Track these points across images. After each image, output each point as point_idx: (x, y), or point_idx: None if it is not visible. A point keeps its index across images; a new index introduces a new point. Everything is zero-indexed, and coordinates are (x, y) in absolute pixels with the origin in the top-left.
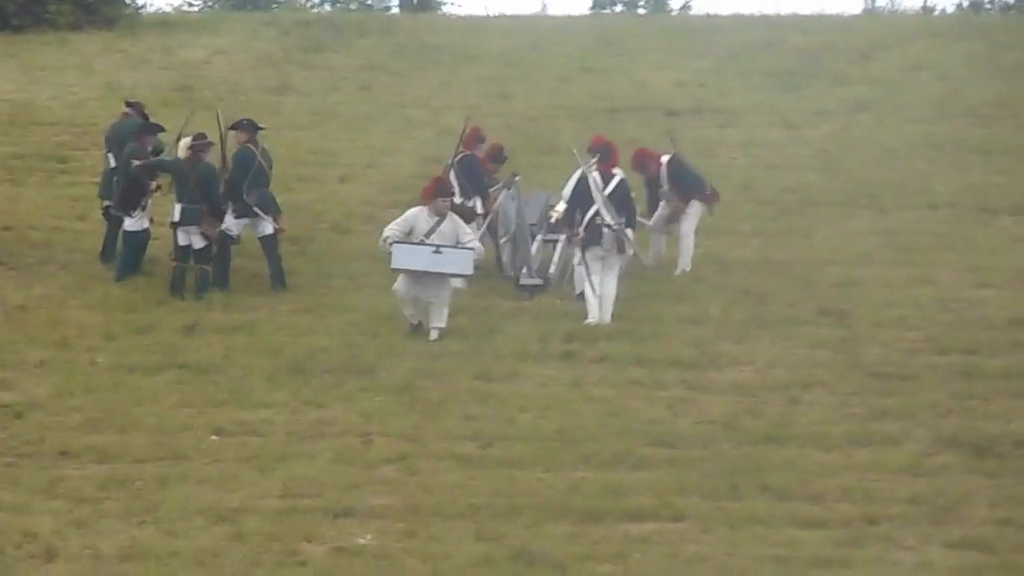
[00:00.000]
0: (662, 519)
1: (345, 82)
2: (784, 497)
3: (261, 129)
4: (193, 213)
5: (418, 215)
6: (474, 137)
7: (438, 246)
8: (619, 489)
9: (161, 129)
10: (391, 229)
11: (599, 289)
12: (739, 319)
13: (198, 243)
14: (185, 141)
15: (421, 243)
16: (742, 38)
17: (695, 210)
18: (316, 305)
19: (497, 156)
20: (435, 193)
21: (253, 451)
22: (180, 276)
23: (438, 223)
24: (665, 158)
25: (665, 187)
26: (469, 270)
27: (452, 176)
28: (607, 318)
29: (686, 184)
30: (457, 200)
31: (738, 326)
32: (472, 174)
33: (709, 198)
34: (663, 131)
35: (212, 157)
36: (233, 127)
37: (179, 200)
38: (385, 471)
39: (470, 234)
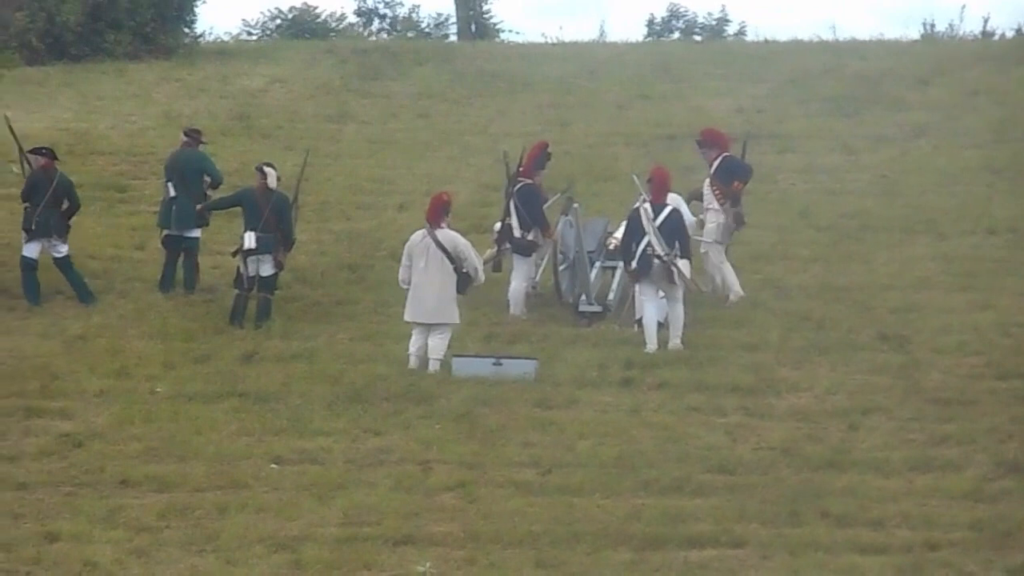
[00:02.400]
0: (722, 545)
1: (403, 110)
2: (844, 523)
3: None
4: (268, 242)
5: (412, 239)
6: (537, 157)
7: (498, 358)
8: (679, 515)
9: None
10: (402, 269)
11: (666, 318)
12: (798, 345)
13: (266, 271)
14: (273, 172)
15: (477, 355)
16: (800, 63)
17: (711, 235)
18: (374, 333)
19: (540, 162)
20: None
21: (312, 479)
22: (243, 305)
23: (427, 241)
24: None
25: (706, 181)
26: (531, 376)
27: (511, 206)
28: (678, 343)
29: (734, 172)
30: (516, 233)
31: (797, 352)
32: (532, 204)
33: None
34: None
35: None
36: (33, 151)
37: (252, 228)
38: (444, 498)
39: (468, 249)
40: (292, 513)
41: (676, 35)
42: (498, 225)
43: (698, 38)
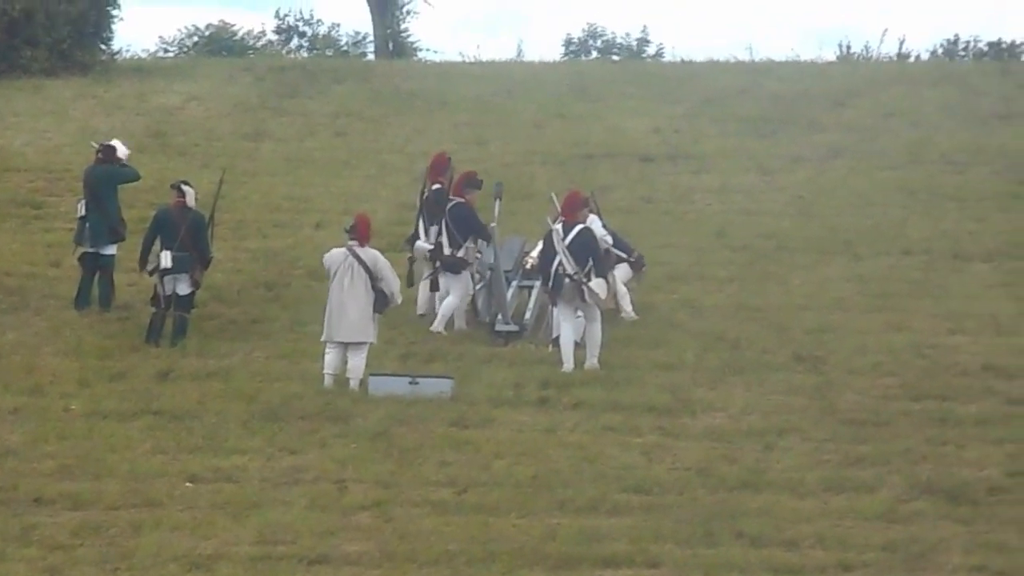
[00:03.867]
0: (638, 566)
1: (320, 128)
2: (759, 544)
3: None
4: (185, 260)
5: (333, 256)
6: (467, 181)
7: (414, 377)
8: (594, 535)
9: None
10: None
11: (582, 336)
12: (714, 365)
13: (183, 290)
14: (190, 190)
15: (394, 374)
16: (717, 84)
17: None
18: (290, 351)
19: (472, 182)
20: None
21: (227, 498)
22: (160, 323)
23: (351, 260)
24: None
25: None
26: (447, 395)
27: (443, 224)
28: (595, 363)
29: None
30: (446, 251)
31: (713, 372)
32: (468, 220)
33: (636, 264)
34: (636, 178)
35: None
36: None
37: (168, 247)
38: (360, 518)
39: (387, 268)
40: (207, 532)
41: (594, 55)
42: (425, 244)
43: (616, 58)
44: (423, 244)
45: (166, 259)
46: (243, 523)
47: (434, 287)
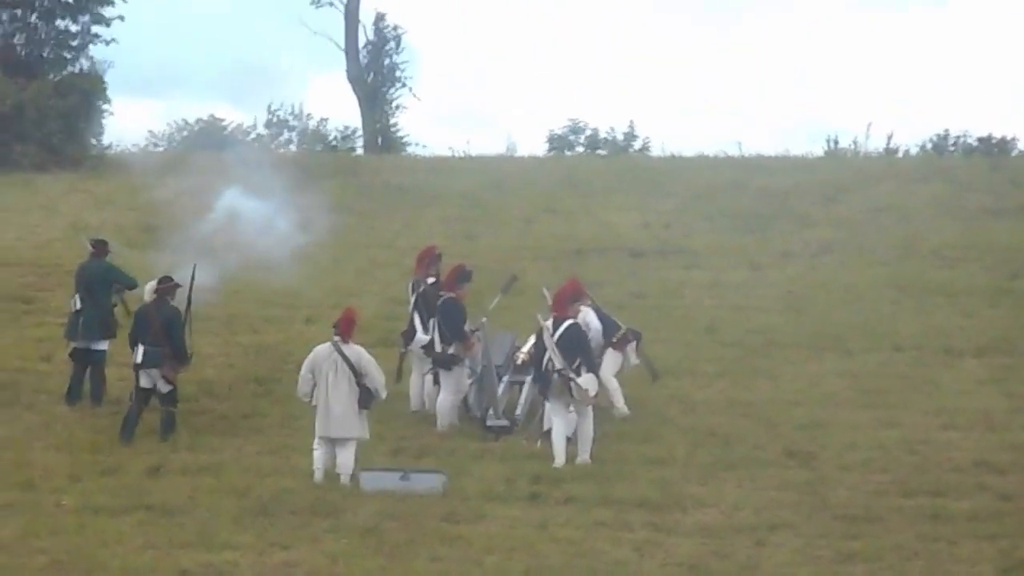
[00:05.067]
0: None
1: (311, 222)
2: None
3: None
4: (154, 356)
5: (318, 352)
6: (458, 275)
7: (406, 472)
8: None
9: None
10: (301, 381)
11: (574, 432)
12: (705, 460)
13: (163, 387)
14: (151, 284)
15: (385, 469)
16: (706, 179)
17: (610, 356)
18: (282, 446)
19: (463, 275)
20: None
21: None
22: (134, 418)
23: (335, 356)
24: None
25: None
26: (439, 490)
27: (435, 323)
28: (586, 458)
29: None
30: (438, 348)
31: (704, 467)
32: (454, 318)
33: (620, 343)
34: (626, 272)
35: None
36: None
37: (141, 342)
38: None
39: (372, 364)
40: None
41: (579, 149)
42: (424, 337)
43: (602, 153)
44: (422, 337)
45: (138, 353)
46: None
47: (436, 381)
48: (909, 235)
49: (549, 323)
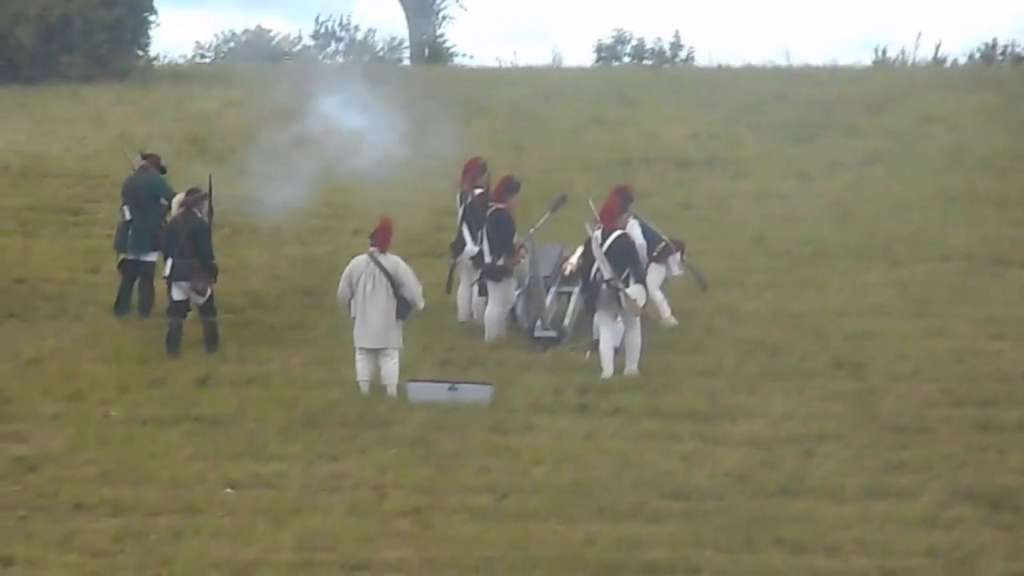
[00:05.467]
0: (678, 572)
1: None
2: (799, 550)
3: None
4: (183, 268)
5: (355, 263)
6: (507, 187)
7: (453, 383)
8: (634, 542)
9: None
10: (340, 293)
11: (621, 342)
12: (753, 371)
13: (197, 298)
14: (179, 197)
15: (433, 381)
16: (754, 89)
17: (653, 269)
18: (329, 358)
19: (511, 186)
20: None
21: (267, 504)
22: (176, 332)
23: (372, 266)
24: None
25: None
26: (486, 401)
27: (466, 226)
28: (634, 369)
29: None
30: (487, 259)
31: (752, 378)
32: (502, 230)
33: (661, 255)
34: (674, 183)
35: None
36: None
37: (170, 255)
38: (400, 524)
39: (408, 274)
40: (247, 538)
41: (625, 60)
42: (474, 248)
43: (648, 63)
44: (471, 248)
45: (167, 266)
46: (283, 529)
47: (482, 292)
48: (957, 145)
49: (598, 234)
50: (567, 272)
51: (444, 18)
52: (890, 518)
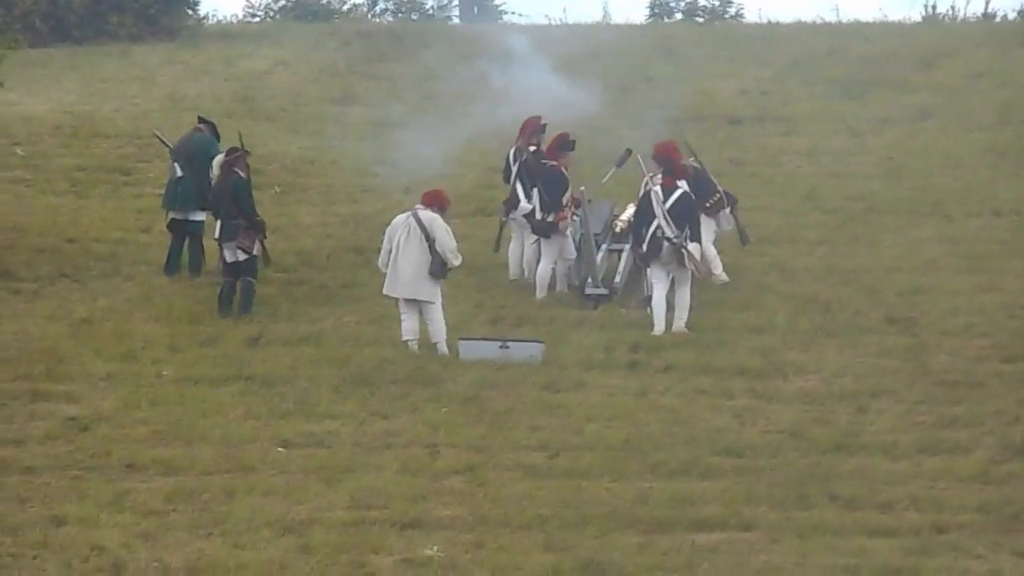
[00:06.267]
0: (730, 529)
1: (407, 92)
2: (853, 506)
3: None
4: (232, 228)
5: (395, 221)
6: (561, 144)
7: (505, 341)
8: (687, 499)
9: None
10: (382, 252)
11: (673, 299)
12: (805, 328)
13: (239, 255)
14: (219, 158)
15: (484, 338)
16: (804, 46)
17: (704, 223)
18: (381, 316)
19: (566, 144)
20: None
21: (320, 463)
22: (229, 292)
23: (410, 220)
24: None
25: None
26: (538, 359)
27: (537, 190)
28: (683, 326)
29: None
30: (537, 215)
31: (804, 335)
32: (554, 187)
33: (713, 209)
34: (724, 140)
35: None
36: None
37: (218, 216)
38: (452, 482)
39: (444, 231)
40: (299, 497)
41: (679, 16)
42: (527, 206)
43: (700, 20)
44: (525, 205)
45: (216, 228)
46: (336, 488)
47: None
48: (1007, 100)
49: (658, 190)
50: (618, 229)
51: None
52: (943, 474)
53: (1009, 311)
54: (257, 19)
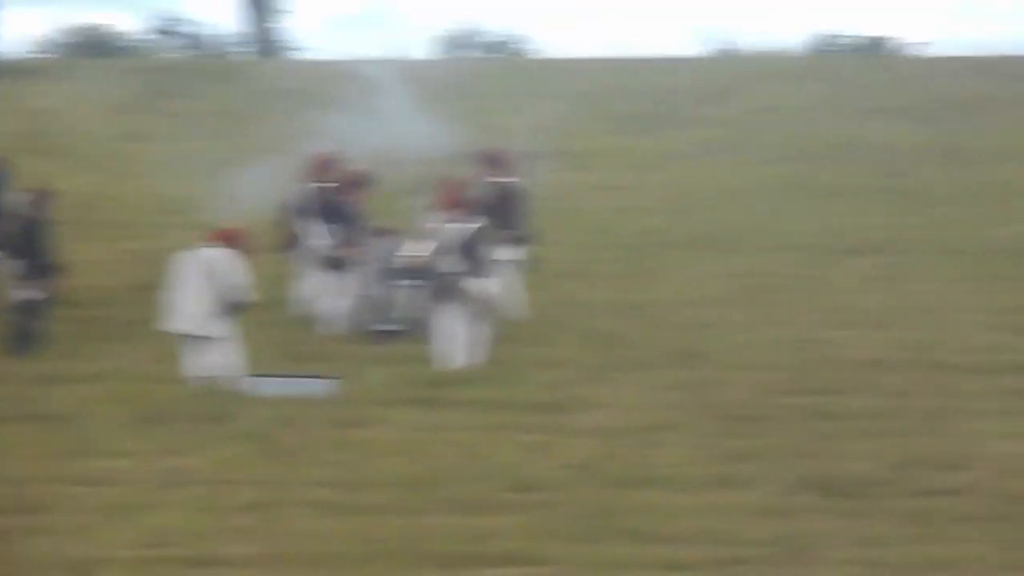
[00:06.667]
0: (524, 563)
1: (197, 129)
2: (645, 540)
3: None
4: (24, 267)
5: (179, 259)
6: (353, 179)
7: (296, 376)
8: (480, 533)
9: None
10: (166, 291)
11: (466, 335)
12: (595, 362)
13: (33, 294)
14: (12, 196)
15: (275, 374)
16: (596, 81)
17: None
18: (171, 354)
19: (358, 179)
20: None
21: (109, 501)
22: (19, 329)
23: (198, 255)
24: None
25: None
26: (330, 395)
27: (311, 221)
28: (479, 361)
29: None
30: (330, 250)
31: (594, 369)
32: (348, 222)
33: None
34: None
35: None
36: None
37: (10, 255)
38: (243, 519)
39: (228, 267)
40: (88, 535)
41: (470, 52)
42: (321, 243)
43: (495, 56)
44: (316, 241)
45: (8, 266)
46: (125, 526)
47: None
48: (795, 135)
49: (445, 225)
50: (408, 265)
51: (280, 12)
52: (734, 507)
53: (798, 345)
54: (46, 56)
